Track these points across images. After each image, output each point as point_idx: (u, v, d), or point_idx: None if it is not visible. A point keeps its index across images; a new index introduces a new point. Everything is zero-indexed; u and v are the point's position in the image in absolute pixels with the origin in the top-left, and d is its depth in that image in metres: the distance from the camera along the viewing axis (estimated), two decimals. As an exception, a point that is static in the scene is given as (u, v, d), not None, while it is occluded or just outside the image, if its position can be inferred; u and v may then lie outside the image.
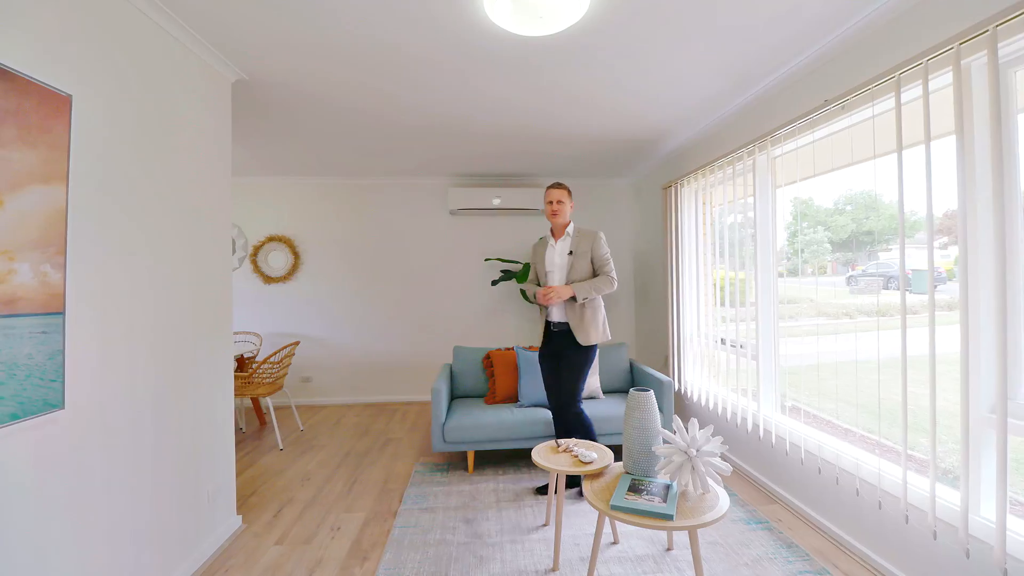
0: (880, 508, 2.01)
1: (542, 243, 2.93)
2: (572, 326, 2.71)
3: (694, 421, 1.96)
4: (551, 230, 2.88)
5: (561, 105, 3.03)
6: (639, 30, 2.13)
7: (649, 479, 2.03)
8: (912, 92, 1.86)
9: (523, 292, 2.89)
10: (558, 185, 2.78)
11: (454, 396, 3.71)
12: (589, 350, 2.73)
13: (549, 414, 3.23)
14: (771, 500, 2.73)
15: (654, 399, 2.13)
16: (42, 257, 1.39)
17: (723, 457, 3.31)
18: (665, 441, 2.33)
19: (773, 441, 2.66)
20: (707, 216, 3.50)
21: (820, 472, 2.32)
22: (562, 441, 2.45)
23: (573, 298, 2.69)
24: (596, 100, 2.95)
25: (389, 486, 3.04)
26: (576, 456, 2.28)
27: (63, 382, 1.47)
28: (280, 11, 1.98)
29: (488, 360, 3.65)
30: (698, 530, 2.41)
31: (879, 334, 2.12)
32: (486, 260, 4.76)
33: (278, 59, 2.40)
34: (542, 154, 4.19)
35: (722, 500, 1.89)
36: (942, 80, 1.74)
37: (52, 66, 1.43)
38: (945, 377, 1.79)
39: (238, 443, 3.89)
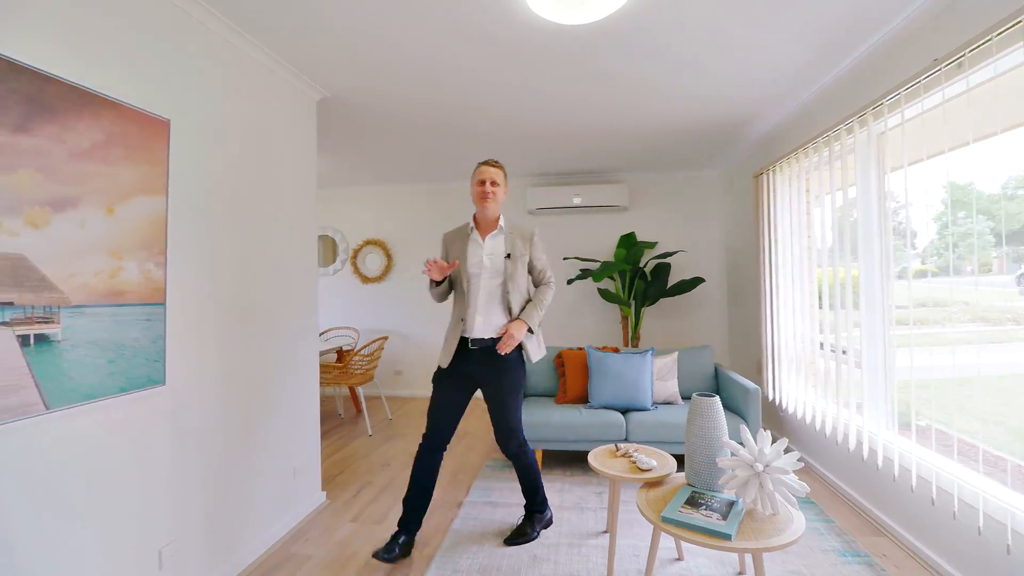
0: (1009, 553, 1.62)
1: (459, 235, 2.29)
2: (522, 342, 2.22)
3: (764, 434, 1.75)
4: (475, 219, 2.27)
5: (627, 95, 2.90)
6: (699, 3, 1.96)
7: (712, 493, 1.86)
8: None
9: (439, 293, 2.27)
10: (494, 163, 2.22)
11: (526, 394, 3.72)
12: (524, 366, 2.29)
13: (619, 416, 3.10)
14: (877, 531, 2.34)
15: (719, 406, 1.94)
16: (146, 256, 1.66)
17: (818, 478, 2.91)
18: (733, 453, 2.11)
19: (879, 463, 2.28)
20: (807, 206, 3.10)
21: (934, 504, 1.94)
22: (623, 445, 2.33)
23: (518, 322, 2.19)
24: (665, 86, 2.77)
25: (459, 477, 3.14)
26: (634, 462, 2.16)
27: (164, 362, 1.74)
28: (353, 41, 2.19)
29: (560, 359, 3.61)
30: (766, 554, 2.17)
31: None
32: (564, 259, 4.71)
33: (355, 80, 2.64)
34: (619, 149, 4.04)
35: (796, 523, 1.67)
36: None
37: (152, 95, 1.70)
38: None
39: (335, 427, 4.28)
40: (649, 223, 4.97)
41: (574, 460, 3.35)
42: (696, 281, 4.36)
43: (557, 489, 2.90)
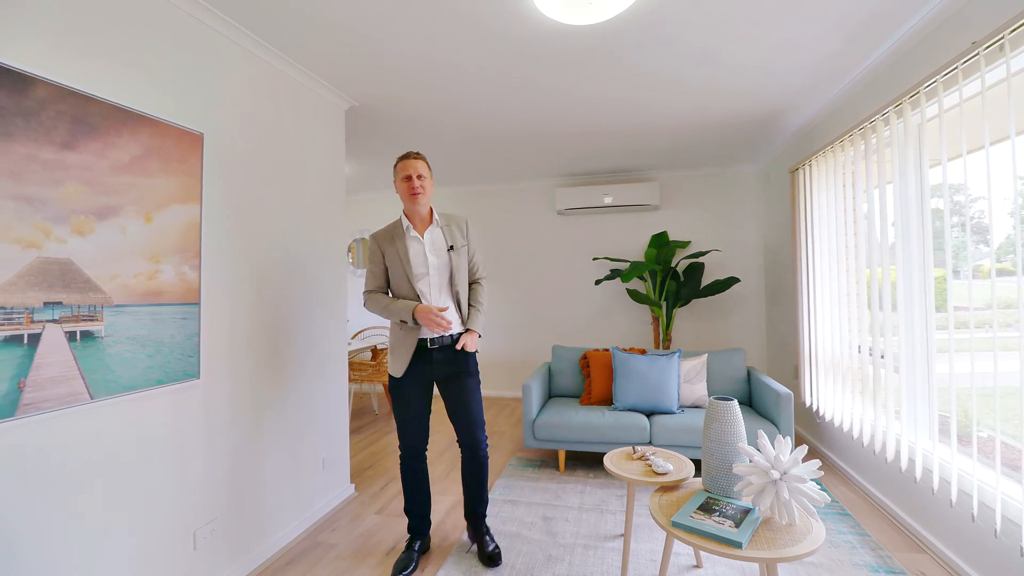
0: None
1: (393, 234, 2.12)
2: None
3: (783, 440, 1.69)
4: (406, 216, 2.13)
5: (650, 92, 2.85)
6: (715, -3, 1.92)
7: (728, 500, 1.82)
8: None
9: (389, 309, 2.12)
10: (416, 155, 2.09)
11: (552, 395, 3.73)
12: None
13: (643, 419, 3.05)
14: (917, 548, 2.20)
15: (737, 410, 1.89)
16: (181, 260, 1.80)
17: (857, 490, 2.76)
18: (750, 460, 2.04)
19: (918, 474, 2.14)
20: (845, 201, 2.94)
21: (975, 520, 1.80)
22: (640, 447, 2.31)
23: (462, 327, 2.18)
24: (687, 81, 2.71)
25: (482, 476, 3.18)
26: (650, 465, 2.13)
27: (199, 357, 1.88)
28: (378, 52, 2.27)
29: (585, 360, 3.59)
30: (787, 567, 2.08)
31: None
32: (594, 259, 4.67)
33: (382, 90, 2.76)
34: (648, 147, 3.97)
35: (814, 534, 1.61)
36: None
37: (187, 111, 1.83)
38: None
39: (368, 423, 4.43)
40: (682, 222, 4.85)
41: (596, 462, 3.33)
42: (731, 281, 4.22)
43: (578, 491, 2.90)
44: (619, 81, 2.70)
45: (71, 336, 1.43)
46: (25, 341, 1.32)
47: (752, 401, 3.36)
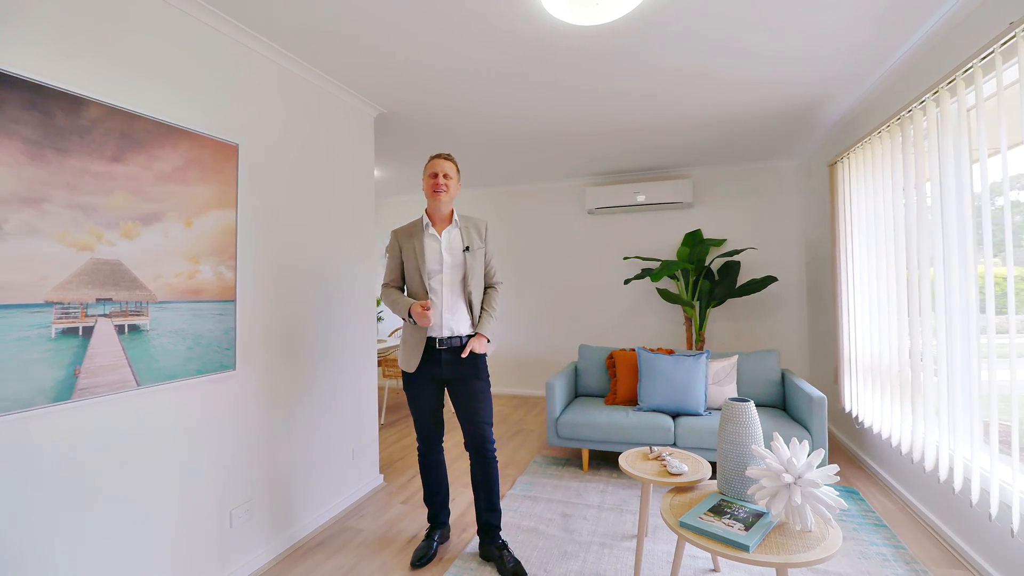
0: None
1: (413, 231, 2.19)
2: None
3: (798, 442, 1.65)
4: (428, 214, 2.19)
5: (675, 87, 2.81)
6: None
7: (741, 503, 1.79)
8: None
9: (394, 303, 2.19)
10: (446, 156, 2.18)
11: (578, 394, 3.73)
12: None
13: (668, 420, 3.01)
14: (957, 563, 2.06)
15: (753, 411, 1.86)
16: (218, 260, 1.96)
17: (898, 501, 2.61)
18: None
19: (956, 485, 2.01)
20: (883, 195, 2.79)
21: (1013, 535, 1.67)
22: (657, 448, 2.29)
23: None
24: (713, 74, 2.65)
25: (506, 471, 3.24)
26: (665, 465, 2.12)
27: (234, 350, 2.04)
28: (404, 62, 2.38)
29: (611, 360, 3.57)
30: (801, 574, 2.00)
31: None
32: (625, 259, 4.63)
33: (410, 97, 2.88)
34: (680, 143, 3.90)
35: (830, 540, 1.56)
36: None
37: (223, 124, 1.99)
38: None
39: (402, 418, 4.59)
40: (717, 219, 4.72)
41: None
42: (768, 280, 4.07)
43: (599, 490, 2.90)
44: (640, 79, 2.69)
45: (120, 329, 1.60)
46: (80, 333, 1.49)
47: (786, 405, 3.24)
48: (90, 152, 1.51)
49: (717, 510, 1.74)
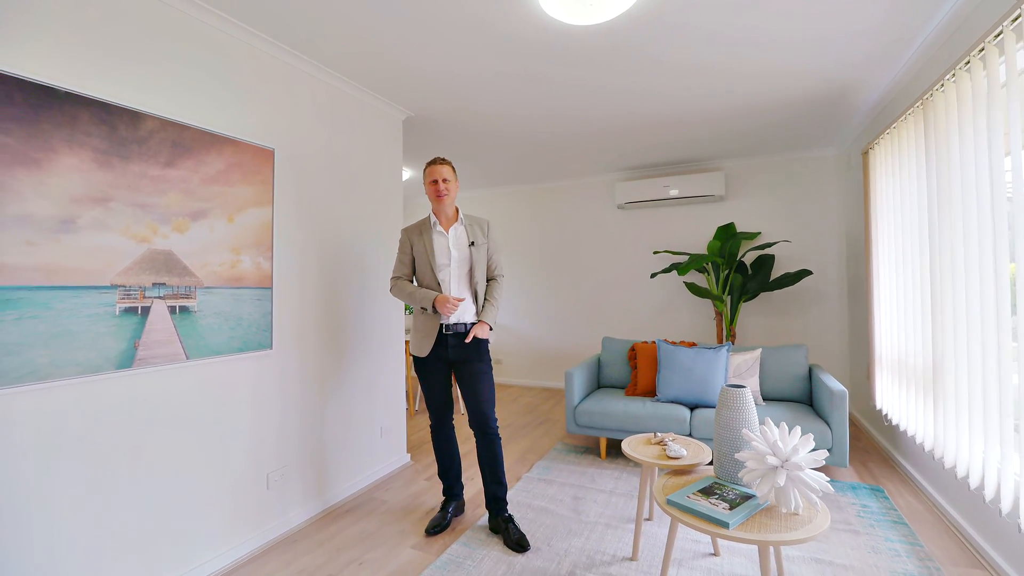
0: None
1: (421, 229, 2.39)
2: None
3: (786, 429, 1.68)
4: (434, 213, 2.38)
5: (696, 80, 2.82)
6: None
7: (732, 485, 1.84)
8: None
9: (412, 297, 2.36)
10: (442, 161, 2.34)
11: (600, 385, 3.80)
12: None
13: (685, 411, 3.03)
14: (976, 563, 1.99)
15: (749, 397, 1.90)
16: (257, 252, 2.21)
17: (925, 500, 2.51)
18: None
19: (971, 483, 1.94)
20: (914, 184, 2.67)
21: (1021, 531, 1.61)
22: (660, 434, 2.34)
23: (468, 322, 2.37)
24: (725, 65, 2.64)
25: (527, 456, 3.38)
26: (666, 450, 2.17)
27: (271, 331, 2.29)
28: (429, 69, 2.55)
29: (633, 352, 3.62)
30: (810, 566, 1.99)
31: None
32: (655, 253, 4.62)
33: (437, 102, 3.08)
34: (709, 135, 3.86)
35: (815, 523, 1.59)
36: None
37: (261, 131, 2.25)
38: None
39: (436, 405, 4.83)
40: (751, 212, 4.61)
41: (642, 452, 3.36)
42: (802, 274, 3.95)
43: (614, 476, 2.97)
44: (655, 74, 2.72)
45: (172, 310, 1.88)
46: (139, 312, 1.77)
47: (812, 400, 3.17)
48: (147, 159, 1.78)
49: (707, 491, 1.79)
